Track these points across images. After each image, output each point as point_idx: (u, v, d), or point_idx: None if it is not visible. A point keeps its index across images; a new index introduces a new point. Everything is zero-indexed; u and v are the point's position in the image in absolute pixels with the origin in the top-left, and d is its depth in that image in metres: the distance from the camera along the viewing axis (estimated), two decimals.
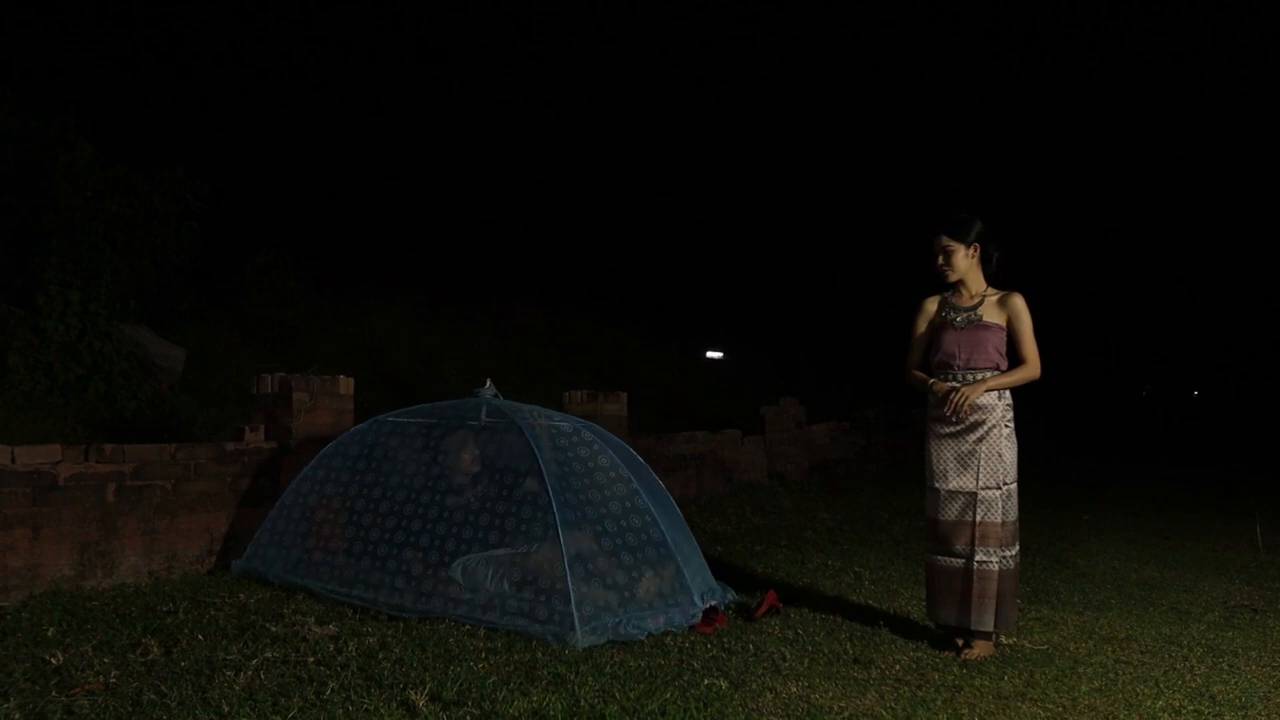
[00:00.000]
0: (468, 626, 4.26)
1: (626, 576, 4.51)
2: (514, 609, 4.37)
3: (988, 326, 4.48)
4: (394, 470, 5.03)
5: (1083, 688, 3.84)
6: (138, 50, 16.75)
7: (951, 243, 4.54)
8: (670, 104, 33.96)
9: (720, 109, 35.53)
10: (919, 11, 38.86)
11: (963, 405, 4.33)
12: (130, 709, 3.08)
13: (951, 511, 4.39)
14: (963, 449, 4.41)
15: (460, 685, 3.41)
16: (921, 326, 4.65)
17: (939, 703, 3.56)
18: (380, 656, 3.75)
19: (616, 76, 31.94)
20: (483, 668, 3.67)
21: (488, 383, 5.31)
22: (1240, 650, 4.55)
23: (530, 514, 4.58)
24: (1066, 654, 4.35)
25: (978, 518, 4.33)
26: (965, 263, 4.56)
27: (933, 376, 4.55)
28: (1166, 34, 38.22)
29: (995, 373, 4.43)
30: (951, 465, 4.42)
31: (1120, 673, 4.08)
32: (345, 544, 4.88)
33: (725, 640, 4.30)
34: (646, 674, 3.70)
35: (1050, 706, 3.58)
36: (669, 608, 4.50)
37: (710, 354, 22.45)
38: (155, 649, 3.72)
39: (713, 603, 4.75)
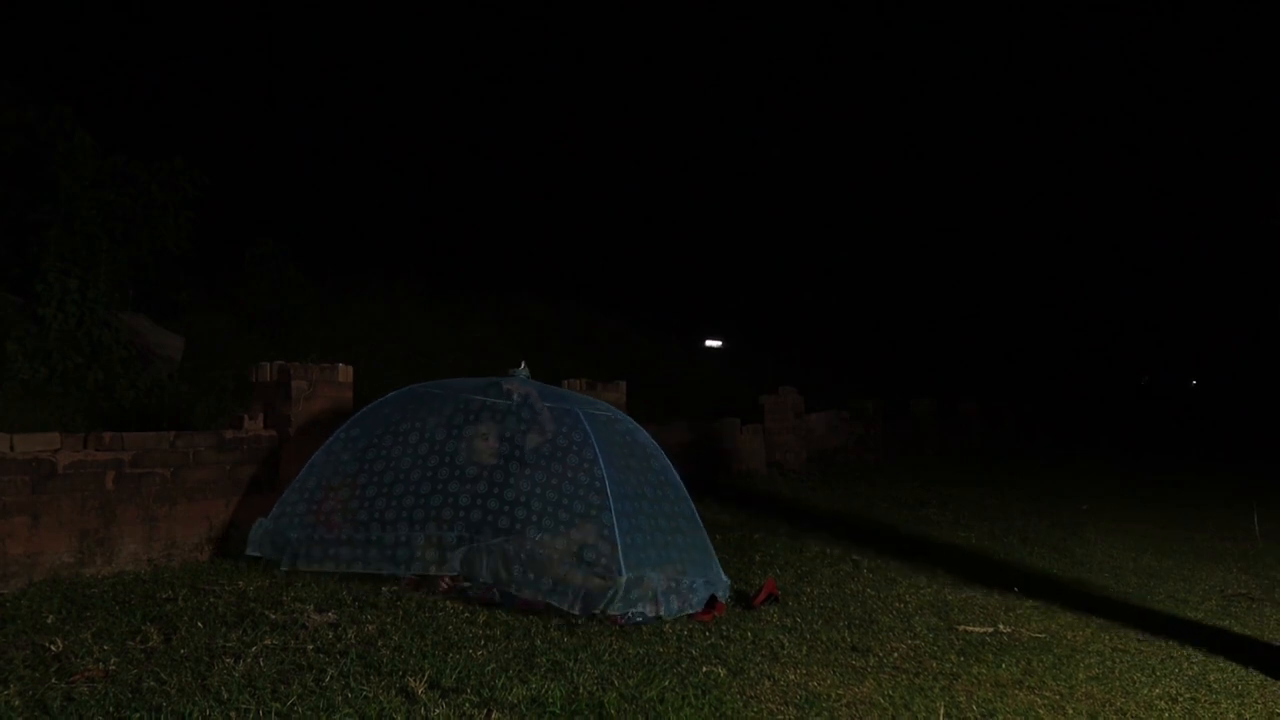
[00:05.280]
0: (467, 614, 4.27)
1: (667, 548, 4.76)
2: (517, 591, 4.54)
3: None
4: (423, 438, 5.16)
5: (1080, 675, 3.85)
6: (137, 42, 16.69)
7: None
8: (670, 100, 33.91)
9: (720, 105, 35.47)
10: (919, 12, 38.75)
11: None
12: (130, 696, 3.08)
13: None
14: None
15: (459, 672, 3.42)
16: None
17: (936, 690, 3.57)
18: (379, 644, 3.76)
19: (617, 72, 31.87)
20: (481, 655, 3.68)
21: (522, 364, 5.42)
22: (1237, 639, 4.57)
23: (586, 492, 4.76)
24: (1064, 642, 4.37)
25: None
26: None
27: None
28: (1166, 32, 38.15)
29: None
30: None
31: (1118, 660, 4.10)
32: (379, 511, 4.98)
33: (724, 628, 4.31)
34: (645, 661, 3.71)
35: (1048, 694, 3.60)
36: (699, 577, 4.70)
37: (709, 343, 22.45)
38: (155, 636, 3.72)
39: (712, 591, 4.77)
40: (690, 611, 4.54)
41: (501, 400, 5.20)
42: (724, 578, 4.95)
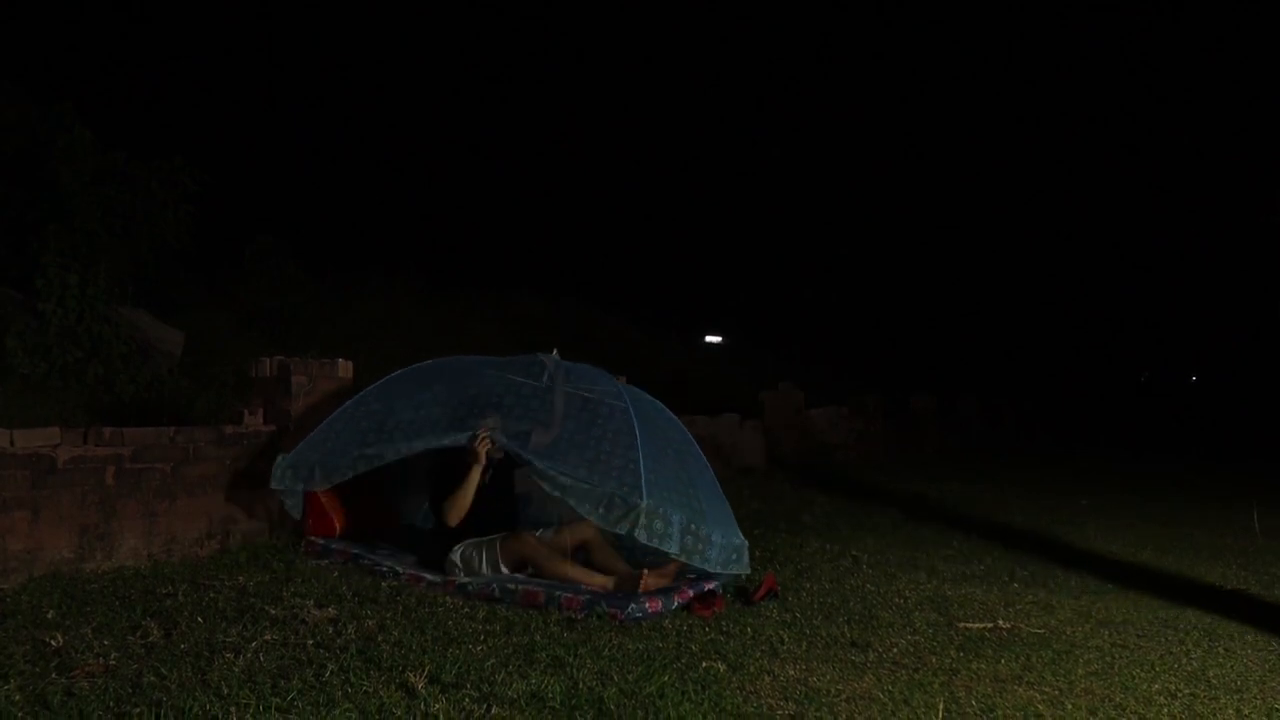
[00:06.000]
0: (466, 610, 4.27)
1: (688, 498, 4.82)
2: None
3: None
4: (453, 394, 5.31)
5: (1079, 671, 3.85)
6: (137, 41, 16.69)
7: None
8: (670, 100, 33.88)
9: (720, 105, 35.45)
10: (919, 12, 38.69)
11: None
12: (130, 691, 3.08)
13: None
14: None
15: (459, 667, 3.42)
16: None
17: (936, 685, 3.57)
18: (379, 639, 3.76)
19: (617, 72, 31.85)
20: (481, 650, 3.68)
21: (554, 351, 5.55)
22: (1236, 634, 4.57)
23: (615, 434, 4.87)
24: (1064, 637, 4.37)
25: None
26: None
27: None
28: (1166, 32, 38.12)
29: None
30: None
31: (1117, 656, 4.10)
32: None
33: (723, 624, 4.32)
34: (644, 656, 3.71)
35: (1047, 690, 3.60)
36: (715, 529, 4.78)
37: (709, 339, 22.46)
38: (155, 631, 3.72)
39: (710, 586, 4.80)
40: (708, 566, 4.67)
41: (532, 380, 5.24)
42: (742, 538, 4.98)
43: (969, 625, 4.49)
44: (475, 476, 4.93)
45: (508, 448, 4.89)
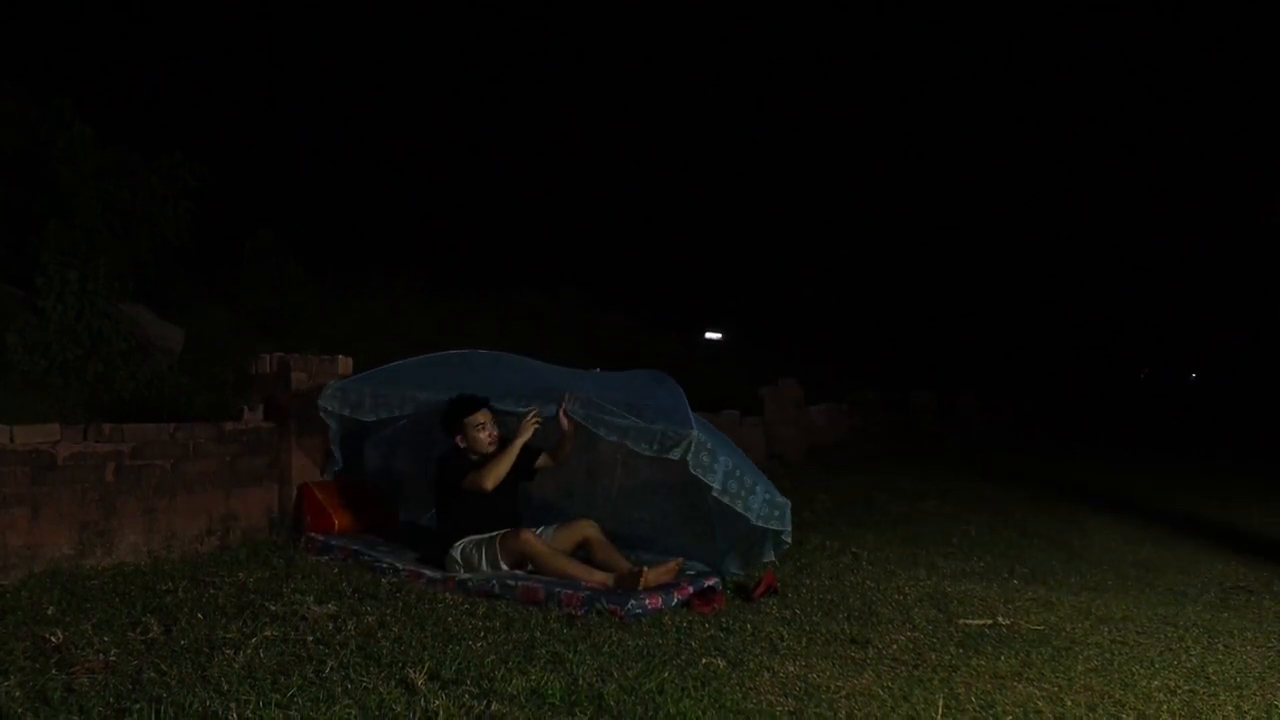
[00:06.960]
0: (466, 606, 4.27)
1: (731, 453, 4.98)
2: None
3: None
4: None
5: (1079, 668, 3.86)
6: (138, 40, 16.68)
7: None
8: (670, 99, 33.85)
9: (720, 104, 35.42)
10: (919, 12, 38.67)
11: None
12: (130, 687, 3.08)
13: None
14: None
15: (459, 664, 3.42)
16: None
17: (935, 682, 3.57)
18: (379, 635, 3.76)
19: (617, 71, 31.82)
20: (481, 646, 3.68)
21: (598, 370, 5.61)
22: (1235, 631, 4.58)
23: (661, 396, 5.05)
24: (1063, 634, 4.37)
25: None
26: None
27: None
28: (1166, 32, 38.11)
29: None
30: None
31: (1116, 653, 4.10)
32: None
33: (723, 620, 4.32)
34: (644, 653, 3.72)
35: (1046, 686, 3.60)
36: (759, 482, 4.92)
37: (709, 336, 22.47)
38: (155, 628, 3.72)
39: (710, 582, 4.80)
40: (748, 515, 4.74)
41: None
42: (785, 499, 4.99)
43: (969, 622, 4.50)
44: (516, 449, 5.00)
45: (572, 413, 4.98)
